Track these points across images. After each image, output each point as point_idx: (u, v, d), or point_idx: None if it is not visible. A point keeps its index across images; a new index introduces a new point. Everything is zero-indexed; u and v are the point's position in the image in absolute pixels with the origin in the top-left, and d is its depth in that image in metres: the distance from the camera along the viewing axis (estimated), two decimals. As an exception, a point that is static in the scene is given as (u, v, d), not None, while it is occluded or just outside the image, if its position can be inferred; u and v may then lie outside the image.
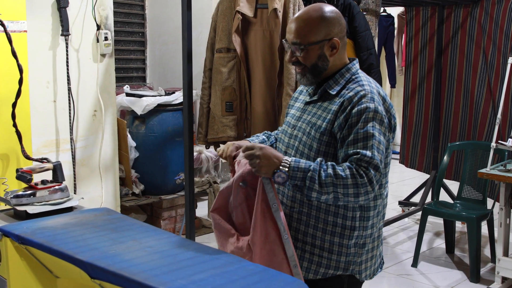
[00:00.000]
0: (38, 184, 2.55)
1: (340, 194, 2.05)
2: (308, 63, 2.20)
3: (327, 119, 2.18)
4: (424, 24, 5.58)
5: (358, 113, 2.10)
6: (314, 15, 2.19)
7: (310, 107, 2.28)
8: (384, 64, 8.36)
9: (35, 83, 3.39)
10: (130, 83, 6.25)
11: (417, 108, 5.72)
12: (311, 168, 2.06)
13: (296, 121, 2.30)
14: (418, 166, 5.82)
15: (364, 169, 2.04)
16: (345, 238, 2.21)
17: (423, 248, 4.75)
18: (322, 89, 2.24)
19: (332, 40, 2.19)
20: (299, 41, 2.18)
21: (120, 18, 6.25)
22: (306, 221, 2.22)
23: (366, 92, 2.15)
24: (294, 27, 2.20)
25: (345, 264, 2.23)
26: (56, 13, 3.49)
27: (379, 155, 2.07)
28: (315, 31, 2.18)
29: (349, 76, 2.24)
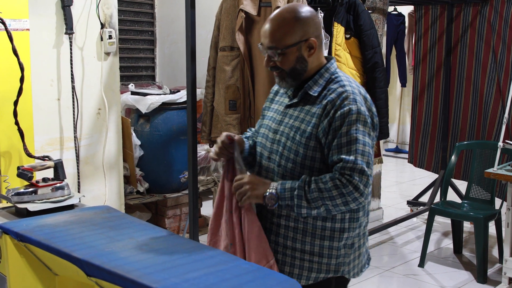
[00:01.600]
0: (39, 182, 2.56)
1: (330, 206, 2.07)
2: (287, 67, 2.17)
3: (312, 123, 2.15)
4: (433, 23, 5.54)
5: (341, 117, 2.08)
6: (288, 16, 2.15)
7: (291, 110, 2.24)
8: (395, 63, 8.33)
9: (39, 81, 3.41)
10: (139, 81, 6.27)
11: (426, 107, 5.69)
12: (296, 186, 2.08)
13: (278, 125, 2.25)
14: (427, 166, 5.78)
15: (348, 176, 2.04)
16: (335, 241, 2.20)
17: (431, 248, 4.72)
18: (303, 91, 2.21)
19: (309, 41, 2.15)
20: (275, 45, 2.14)
21: (130, 17, 6.27)
22: (295, 227, 2.20)
23: (348, 93, 2.12)
24: (268, 30, 2.15)
25: (335, 267, 2.22)
26: (60, 11, 3.50)
27: (364, 158, 2.06)
28: (290, 33, 2.13)
29: (329, 76, 2.21)
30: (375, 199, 5.58)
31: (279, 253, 2.23)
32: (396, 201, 6.32)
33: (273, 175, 2.22)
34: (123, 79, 6.01)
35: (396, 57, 8.20)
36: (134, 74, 6.35)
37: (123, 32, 6.11)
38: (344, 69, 3.98)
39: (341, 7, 3.92)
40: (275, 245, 2.24)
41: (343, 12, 3.95)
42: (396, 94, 9.25)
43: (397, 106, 9.27)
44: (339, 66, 3.95)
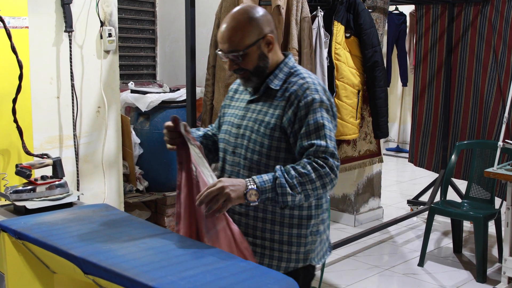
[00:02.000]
0: (38, 180, 2.55)
1: (309, 191, 2.11)
2: (251, 66, 2.24)
3: (275, 114, 2.23)
4: (434, 22, 5.54)
5: (305, 106, 2.17)
6: (242, 18, 2.22)
7: (254, 105, 2.32)
8: (396, 63, 8.33)
9: (38, 79, 3.40)
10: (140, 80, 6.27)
11: (427, 106, 5.68)
12: (275, 176, 2.10)
13: (241, 120, 2.32)
14: (427, 165, 5.78)
15: (323, 159, 2.11)
16: (302, 228, 2.28)
17: (430, 247, 4.72)
18: (264, 85, 2.28)
19: (267, 37, 2.24)
20: (236, 48, 2.21)
21: (131, 16, 6.25)
22: (263, 217, 2.27)
23: (310, 84, 2.22)
24: (226, 36, 2.22)
25: (304, 255, 2.30)
26: (60, 9, 3.50)
27: (332, 143, 2.16)
28: (247, 34, 2.21)
29: (288, 70, 2.30)
30: (375, 198, 5.58)
31: (250, 244, 2.26)
32: (397, 200, 6.31)
33: (239, 168, 2.29)
34: (124, 78, 6.01)
35: (397, 57, 8.20)
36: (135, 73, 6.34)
37: (124, 31, 6.10)
38: (344, 68, 3.98)
39: (341, 6, 3.92)
40: (245, 236, 2.26)
41: (343, 11, 3.94)
42: (397, 93, 9.25)
43: (398, 106, 9.27)
44: (339, 65, 3.96)
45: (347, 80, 4.00)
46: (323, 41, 3.74)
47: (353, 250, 4.72)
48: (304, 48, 3.52)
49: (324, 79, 3.77)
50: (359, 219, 5.38)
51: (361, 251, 4.73)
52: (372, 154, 4.80)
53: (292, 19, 3.48)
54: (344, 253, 4.62)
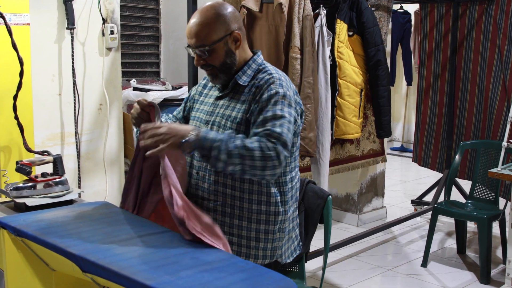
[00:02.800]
0: (38, 177, 2.55)
1: (247, 166, 2.08)
2: (217, 62, 2.28)
3: (242, 109, 2.27)
4: (438, 21, 5.51)
5: (268, 98, 2.21)
6: (209, 14, 2.26)
7: (222, 101, 2.36)
8: (401, 62, 8.30)
9: (40, 76, 3.40)
10: (143, 77, 6.27)
11: (431, 106, 5.65)
12: (218, 138, 2.08)
13: (209, 116, 2.36)
14: (431, 165, 5.75)
15: (273, 144, 2.10)
16: (270, 224, 2.32)
17: (434, 248, 4.70)
18: (233, 81, 2.33)
19: (233, 34, 2.29)
20: (203, 43, 2.25)
21: (135, 13, 6.26)
22: (231, 213, 2.30)
23: (275, 79, 2.26)
24: (194, 31, 2.26)
25: (271, 251, 2.36)
26: (62, 6, 3.49)
27: (288, 134, 2.15)
28: (214, 29, 2.25)
29: (256, 67, 2.35)
30: (379, 197, 5.56)
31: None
32: (400, 200, 6.29)
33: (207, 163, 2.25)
34: (127, 75, 6.01)
35: (402, 56, 8.18)
36: (139, 70, 6.34)
37: (128, 28, 6.11)
38: (347, 67, 3.96)
39: (344, 4, 3.90)
40: None
41: (346, 9, 3.92)
42: (402, 92, 9.22)
43: (402, 105, 9.24)
44: (342, 64, 3.95)
45: (349, 79, 3.98)
46: (326, 40, 3.72)
47: (356, 250, 4.70)
48: (306, 47, 3.50)
49: (327, 78, 3.75)
50: (362, 219, 5.36)
51: (364, 251, 4.71)
52: (375, 153, 4.78)
53: (294, 17, 3.46)
54: (347, 253, 4.61)
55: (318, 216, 2.71)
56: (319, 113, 3.73)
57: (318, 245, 3.42)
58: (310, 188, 2.75)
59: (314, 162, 3.87)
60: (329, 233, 2.78)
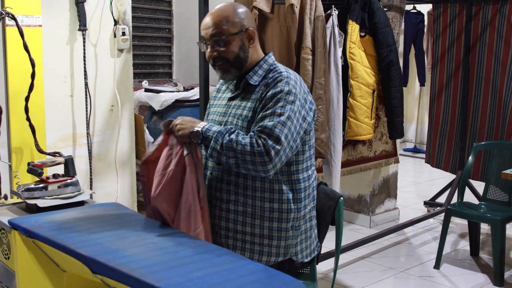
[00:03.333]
0: (50, 178, 2.56)
1: (239, 160, 2.19)
2: (231, 55, 2.33)
3: (252, 108, 2.31)
4: (451, 21, 5.47)
5: (272, 95, 2.26)
6: (228, 9, 2.35)
7: (234, 102, 2.40)
8: (414, 62, 8.25)
9: (52, 78, 3.41)
10: (156, 79, 6.28)
11: (444, 107, 5.62)
12: (218, 130, 2.22)
13: (222, 117, 2.41)
14: (444, 166, 5.71)
15: (263, 140, 2.17)
16: (283, 222, 2.34)
17: (447, 250, 4.67)
18: (244, 81, 2.37)
19: (249, 30, 2.35)
20: (220, 32, 2.31)
21: (147, 14, 6.27)
22: (243, 211, 2.34)
23: (283, 77, 2.30)
24: (211, 21, 2.33)
25: (284, 249, 2.38)
26: (74, 8, 3.50)
27: (284, 129, 2.19)
28: (232, 23, 2.32)
29: (268, 67, 2.38)
30: (391, 199, 5.53)
31: (230, 238, 2.37)
32: (413, 202, 6.25)
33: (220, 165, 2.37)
34: (140, 76, 6.02)
35: (415, 56, 8.13)
36: (151, 71, 6.36)
37: (141, 30, 6.12)
38: (359, 67, 3.94)
39: (356, 5, 3.88)
40: (226, 231, 2.37)
41: (358, 10, 3.91)
42: (415, 93, 9.17)
43: (415, 106, 9.19)
44: (354, 65, 3.93)
45: (361, 80, 3.96)
46: (338, 40, 3.70)
47: (368, 251, 4.68)
48: (318, 47, 3.49)
49: (338, 79, 3.74)
50: (374, 220, 5.33)
51: (376, 252, 4.69)
52: (388, 154, 4.75)
53: (306, 18, 3.45)
54: (359, 255, 4.59)
55: (330, 218, 2.70)
56: (330, 114, 3.72)
57: (330, 246, 3.41)
58: (321, 189, 2.74)
59: (326, 163, 3.85)
60: (341, 234, 2.77)
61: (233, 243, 2.37)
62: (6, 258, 2.33)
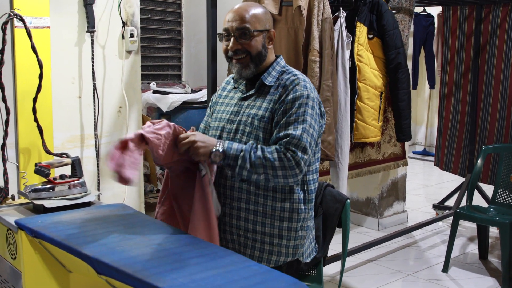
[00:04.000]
0: (57, 179, 2.57)
1: (270, 176, 2.22)
2: (254, 50, 2.35)
3: (268, 108, 2.33)
4: (461, 24, 5.45)
5: (292, 100, 2.28)
6: (257, 7, 2.41)
7: (247, 101, 2.42)
8: (424, 65, 8.23)
9: (60, 79, 3.42)
10: (165, 80, 6.30)
11: (453, 109, 5.59)
12: (243, 148, 2.21)
13: (235, 116, 2.42)
14: (453, 169, 5.69)
15: (292, 152, 2.21)
16: (293, 222, 2.37)
17: (456, 253, 4.64)
18: (259, 82, 2.39)
19: (271, 32, 2.41)
20: (248, 26, 2.33)
21: (157, 16, 6.29)
22: (254, 210, 2.35)
23: (300, 80, 2.34)
24: (241, 13, 2.34)
25: (293, 249, 2.40)
26: (82, 9, 3.52)
27: (308, 138, 2.25)
28: (259, 20, 2.36)
29: (280, 69, 2.42)
30: (400, 201, 5.51)
31: (241, 237, 2.39)
32: (422, 205, 6.23)
33: (232, 172, 2.34)
34: (149, 78, 6.04)
35: (425, 59, 8.11)
36: (161, 73, 6.38)
37: (150, 31, 6.14)
38: (366, 70, 3.93)
39: (364, 7, 3.87)
40: (237, 229, 2.39)
41: (366, 12, 3.90)
42: (425, 96, 9.14)
43: (425, 108, 9.16)
44: (362, 67, 3.92)
45: (369, 82, 3.95)
46: (345, 43, 3.70)
47: (376, 254, 4.66)
48: (326, 49, 3.49)
49: (346, 81, 3.73)
50: (383, 223, 5.32)
51: (384, 255, 4.67)
52: (396, 157, 4.74)
53: (314, 20, 3.45)
54: (367, 257, 4.57)
55: (337, 220, 2.70)
56: (338, 116, 3.71)
57: (338, 249, 3.40)
58: (328, 191, 2.74)
59: (333, 166, 3.84)
60: (347, 237, 2.76)
61: (244, 241, 2.39)
62: (13, 258, 2.34)
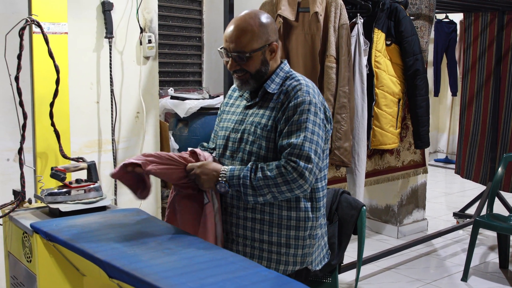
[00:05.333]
0: (73, 183, 2.59)
1: (275, 193, 2.20)
2: (253, 69, 2.31)
3: (271, 116, 2.30)
4: (483, 30, 5.40)
5: (294, 107, 2.25)
6: (253, 22, 2.28)
7: (252, 110, 2.39)
8: (446, 72, 8.16)
9: (78, 84, 3.46)
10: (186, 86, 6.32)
11: (474, 117, 5.54)
12: (242, 175, 2.22)
13: (239, 125, 2.40)
14: (474, 177, 5.62)
15: (293, 163, 2.18)
16: (300, 230, 2.34)
17: (476, 262, 4.58)
18: (262, 90, 2.35)
19: (272, 45, 2.33)
20: (243, 50, 2.27)
21: (178, 23, 6.33)
22: (261, 219, 2.33)
23: (302, 86, 2.29)
24: (235, 36, 2.27)
25: (301, 258, 2.37)
26: (101, 15, 3.55)
27: (312, 146, 2.22)
28: (256, 38, 2.28)
29: (284, 75, 2.37)
30: (420, 209, 5.46)
31: (248, 246, 2.36)
32: (443, 213, 6.16)
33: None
34: (170, 84, 6.07)
35: (447, 66, 8.04)
36: (181, 79, 6.41)
37: (171, 38, 6.18)
38: (384, 76, 3.91)
39: (382, 13, 3.85)
40: (244, 239, 2.37)
41: (384, 18, 3.88)
42: (447, 103, 9.06)
43: (447, 116, 9.07)
44: (379, 73, 3.90)
45: (387, 89, 3.93)
46: (363, 49, 3.68)
47: (394, 262, 4.62)
48: (342, 56, 3.47)
49: (363, 87, 3.71)
50: (402, 231, 5.27)
51: (403, 263, 4.63)
52: (416, 164, 4.70)
53: (330, 26, 3.44)
54: (385, 265, 4.53)
55: (352, 227, 2.68)
56: (355, 122, 3.70)
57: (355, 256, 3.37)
58: (344, 198, 2.72)
59: (350, 172, 3.82)
60: (363, 244, 2.75)
61: (251, 251, 2.37)
62: (28, 261, 2.36)
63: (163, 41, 5.78)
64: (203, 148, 2.65)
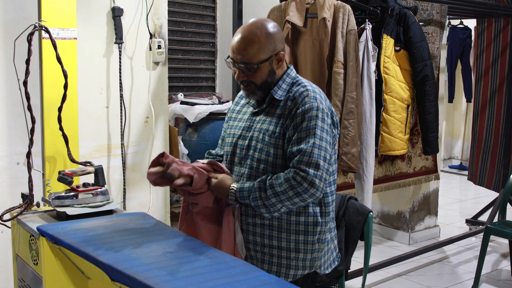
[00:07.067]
0: (80, 187, 2.61)
1: (289, 205, 2.23)
2: (259, 80, 2.31)
3: (279, 123, 2.30)
4: (496, 36, 5.37)
5: (302, 113, 2.25)
6: (260, 33, 2.27)
7: (259, 116, 2.39)
8: (460, 78, 8.12)
9: (88, 89, 3.50)
10: (199, 92, 6.35)
11: (487, 123, 5.50)
12: (252, 197, 2.25)
13: (246, 132, 2.40)
14: (487, 184, 5.58)
15: (303, 172, 2.19)
16: (309, 235, 2.34)
17: (488, 269, 4.55)
18: (269, 97, 2.35)
19: (279, 54, 2.32)
20: (250, 61, 2.27)
21: (191, 29, 6.36)
22: (270, 224, 2.33)
23: (309, 92, 2.29)
24: (242, 47, 2.26)
25: (310, 262, 2.37)
26: (111, 21, 3.59)
27: (321, 152, 2.22)
28: (263, 49, 2.27)
29: (290, 81, 2.37)
30: (432, 216, 5.43)
31: (258, 252, 2.37)
32: (457, 219, 6.12)
33: (245, 179, 2.37)
34: (183, 89, 6.10)
35: (462, 72, 8.01)
36: (195, 85, 6.44)
37: (185, 44, 6.21)
38: (393, 82, 3.90)
39: (391, 19, 3.85)
40: (253, 244, 2.38)
41: (393, 24, 3.87)
42: (461, 109, 9.00)
43: (462, 122, 9.01)
44: (388, 79, 3.89)
45: (395, 94, 3.92)
46: (371, 55, 3.68)
47: (405, 268, 4.59)
48: (350, 61, 3.47)
49: (372, 93, 3.71)
50: (414, 237, 5.24)
51: (414, 270, 4.60)
52: (428, 171, 4.68)
53: (338, 32, 3.44)
54: (396, 272, 4.51)
55: (359, 233, 2.68)
56: (363, 128, 3.69)
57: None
58: (351, 204, 2.72)
59: (358, 178, 3.82)
60: (369, 250, 2.74)
61: (261, 256, 2.38)
62: (35, 263, 2.38)
63: (176, 46, 5.82)
64: (212, 156, 2.66)
